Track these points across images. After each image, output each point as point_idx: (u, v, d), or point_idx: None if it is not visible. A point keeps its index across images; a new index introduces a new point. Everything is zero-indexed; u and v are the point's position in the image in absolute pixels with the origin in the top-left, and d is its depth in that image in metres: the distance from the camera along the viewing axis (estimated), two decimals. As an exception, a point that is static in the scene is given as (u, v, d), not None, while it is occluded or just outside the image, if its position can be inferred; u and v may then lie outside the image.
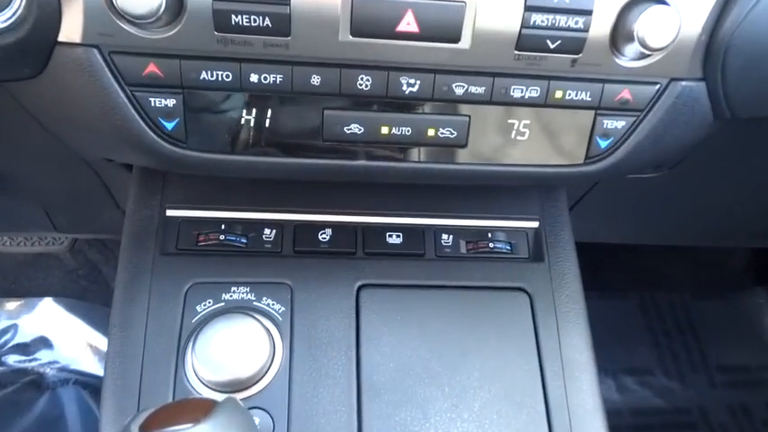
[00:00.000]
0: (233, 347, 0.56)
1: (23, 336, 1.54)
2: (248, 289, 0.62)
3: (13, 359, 1.51)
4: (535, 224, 0.70)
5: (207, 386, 0.56)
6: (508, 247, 0.69)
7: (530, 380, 0.60)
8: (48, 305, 1.57)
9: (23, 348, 1.52)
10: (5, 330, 1.54)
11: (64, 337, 1.54)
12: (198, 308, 0.60)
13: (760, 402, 1.55)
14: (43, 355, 1.52)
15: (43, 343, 1.53)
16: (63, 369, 1.49)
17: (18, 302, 1.58)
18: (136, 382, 0.56)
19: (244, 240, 0.65)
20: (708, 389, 1.57)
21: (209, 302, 0.61)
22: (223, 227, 0.66)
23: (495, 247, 0.68)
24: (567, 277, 0.67)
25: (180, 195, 0.66)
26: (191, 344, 0.57)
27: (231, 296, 0.61)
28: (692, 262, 1.70)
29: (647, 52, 0.48)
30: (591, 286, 1.76)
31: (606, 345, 1.60)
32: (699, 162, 0.71)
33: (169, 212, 0.66)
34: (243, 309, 0.60)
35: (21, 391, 1.45)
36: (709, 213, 0.99)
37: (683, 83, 0.52)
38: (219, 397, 0.56)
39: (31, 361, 1.51)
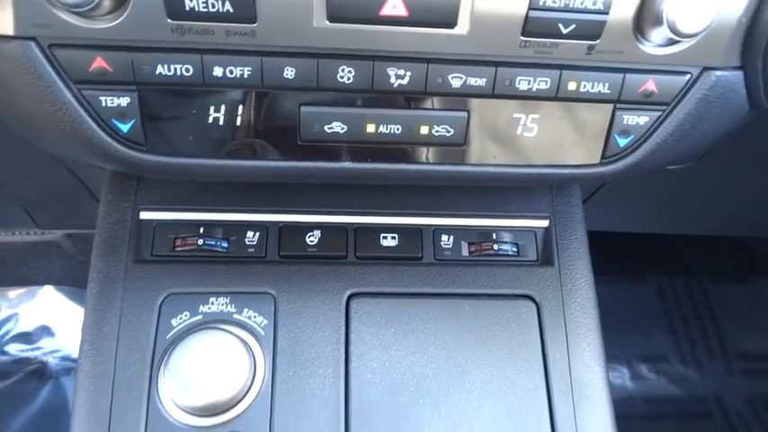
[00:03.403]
0: (210, 367, 0.51)
1: (25, 324, 1.53)
2: (228, 300, 0.56)
3: (15, 348, 1.50)
4: (545, 223, 0.64)
5: (182, 410, 0.51)
6: (515, 250, 0.63)
7: (535, 401, 0.54)
8: (48, 293, 1.56)
9: (25, 337, 1.52)
10: (7, 319, 1.53)
11: (65, 325, 1.52)
12: (173, 321, 0.55)
13: (781, 391, 1.50)
14: (45, 344, 1.51)
15: (45, 331, 1.53)
16: (65, 358, 1.48)
17: (18, 291, 1.57)
18: (106, 405, 0.52)
19: (224, 245, 0.60)
20: (725, 377, 1.51)
21: (186, 315, 0.56)
22: (202, 230, 0.60)
23: (500, 250, 0.62)
24: (578, 283, 0.61)
25: (155, 196, 0.61)
26: (164, 363, 0.52)
27: (209, 308, 0.56)
28: (713, 245, 1.63)
29: (678, 38, 0.41)
30: (607, 271, 1.70)
31: (621, 331, 1.56)
32: (727, 151, 0.64)
33: (143, 215, 0.60)
34: (222, 322, 0.55)
35: (23, 382, 1.45)
36: (734, 203, 0.92)
37: (718, 72, 0.45)
38: (195, 421, 0.52)
39: (33, 350, 1.50)
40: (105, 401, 0.52)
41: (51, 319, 1.54)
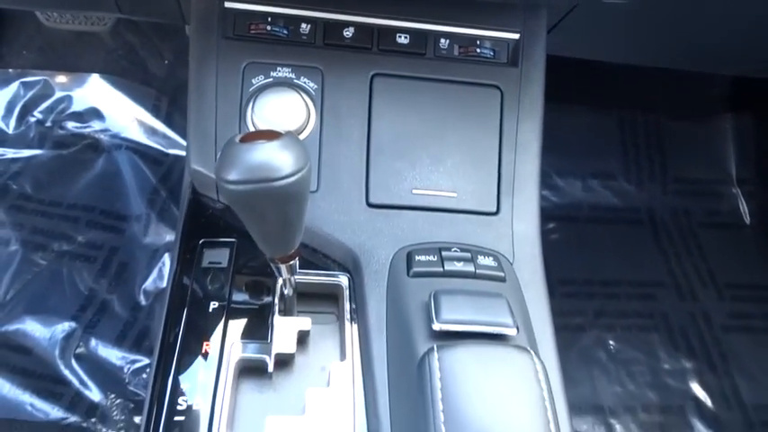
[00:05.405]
0: (281, 109, 0.79)
1: (77, 106, 1.72)
2: (290, 69, 0.82)
3: (71, 125, 1.72)
4: (516, 36, 0.88)
5: (262, 135, 0.79)
6: (492, 53, 0.87)
7: (490, 151, 0.83)
8: (96, 80, 1.74)
9: (78, 117, 1.72)
10: (61, 100, 1.74)
11: (112, 109, 1.75)
12: (253, 80, 0.81)
13: (701, 208, 1.83)
14: (96, 124, 1.72)
15: (95, 113, 1.73)
16: (115, 136, 1.72)
17: (69, 76, 1.77)
18: (212, 130, 0.79)
19: (285, 32, 0.83)
20: (659, 194, 1.83)
21: (261, 77, 0.81)
22: (269, 19, 0.83)
23: (481, 52, 0.87)
24: (532, 80, 0.87)
25: None
26: (250, 106, 0.79)
27: (277, 74, 0.82)
28: (676, 86, 1.85)
29: None
30: (579, 101, 1.95)
31: (581, 152, 1.85)
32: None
33: (227, 4, 0.83)
34: (286, 83, 0.81)
35: (82, 152, 1.69)
36: (677, 38, 1.14)
37: None
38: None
39: (86, 128, 1.72)
40: (211, 128, 0.80)
41: (100, 102, 1.75)
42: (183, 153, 1.73)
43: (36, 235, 1.54)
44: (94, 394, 1.30)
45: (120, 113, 1.75)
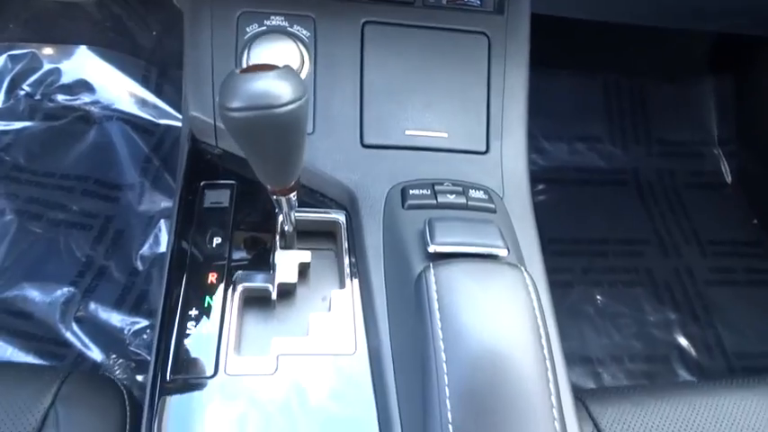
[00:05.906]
0: (276, 56, 0.81)
1: (66, 78, 1.72)
2: (283, 18, 0.84)
3: (60, 97, 1.73)
4: None
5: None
6: (478, 2, 0.90)
7: (479, 95, 0.86)
8: (84, 52, 1.74)
9: (68, 89, 1.72)
10: (50, 72, 1.74)
11: (102, 81, 1.76)
12: (247, 29, 0.83)
13: (686, 169, 1.88)
14: (86, 96, 1.72)
15: (85, 86, 1.73)
16: (106, 107, 1.73)
17: (57, 48, 1.76)
18: (209, 77, 0.82)
19: (277, -19, 0.86)
20: (644, 156, 1.88)
21: (255, 26, 0.83)
22: None
23: (468, 1, 0.89)
24: (518, 27, 0.89)
25: None
26: (245, 53, 0.81)
27: (271, 22, 0.84)
28: (657, 49, 1.89)
29: None
30: (563, 66, 1.98)
31: (567, 116, 1.89)
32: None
33: None
34: (281, 32, 0.83)
35: (73, 123, 1.69)
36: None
37: None
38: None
39: (75, 100, 1.72)
40: (208, 75, 0.82)
41: (89, 74, 1.75)
42: (174, 123, 1.75)
43: (31, 204, 1.56)
44: (96, 354, 1.32)
45: (109, 85, 1.76)
